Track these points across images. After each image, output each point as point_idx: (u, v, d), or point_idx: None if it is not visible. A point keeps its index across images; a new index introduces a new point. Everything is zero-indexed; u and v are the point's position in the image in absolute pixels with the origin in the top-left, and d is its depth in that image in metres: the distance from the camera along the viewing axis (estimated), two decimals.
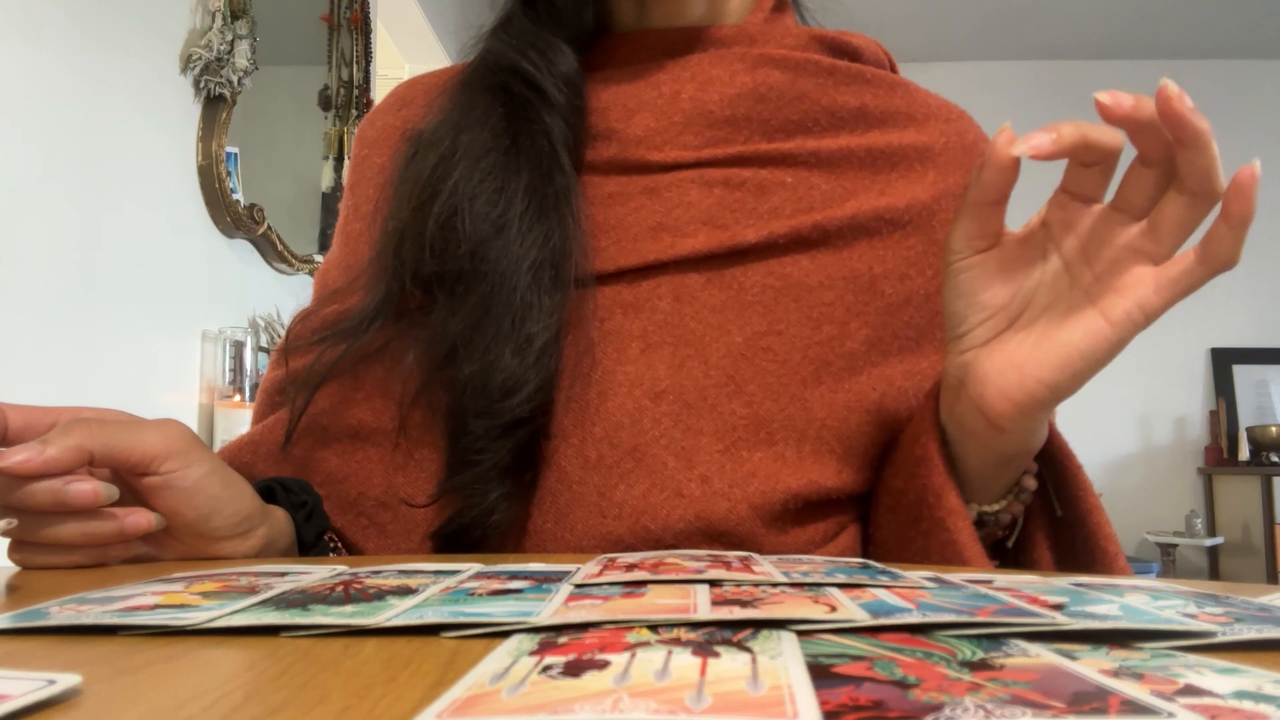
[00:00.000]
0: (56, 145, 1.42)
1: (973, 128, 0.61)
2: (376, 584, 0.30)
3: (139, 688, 0.19)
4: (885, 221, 0.55)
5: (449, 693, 0.17)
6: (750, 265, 0.53)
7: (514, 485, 0.49)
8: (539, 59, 0.56)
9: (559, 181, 0.53)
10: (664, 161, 0.55)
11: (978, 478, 0.47)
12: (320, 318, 0.57)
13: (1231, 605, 0.27)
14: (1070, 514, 0.48)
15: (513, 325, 0.49)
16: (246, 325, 1.88)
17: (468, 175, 0.53)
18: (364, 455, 0.53)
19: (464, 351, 0.50)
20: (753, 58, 0.57)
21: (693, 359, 0.51)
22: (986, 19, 3.89)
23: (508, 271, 0.50)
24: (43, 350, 1.39)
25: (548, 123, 0.55)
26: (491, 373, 0.49)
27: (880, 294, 0.54)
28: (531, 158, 0.54)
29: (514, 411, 0.48)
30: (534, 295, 0.50)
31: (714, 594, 0.27)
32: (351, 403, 0.54)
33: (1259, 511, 3.60)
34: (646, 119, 0.56)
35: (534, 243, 0.51)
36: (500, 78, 0.57)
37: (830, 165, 0.56)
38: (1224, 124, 4.23)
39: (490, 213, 0.52)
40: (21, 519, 0.40)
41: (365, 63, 2.42)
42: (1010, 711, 0.16)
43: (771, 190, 0.55)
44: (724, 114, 0.56)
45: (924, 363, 0.54)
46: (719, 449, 0.50)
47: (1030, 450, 0.47)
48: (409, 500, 0.51)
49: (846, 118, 0.57)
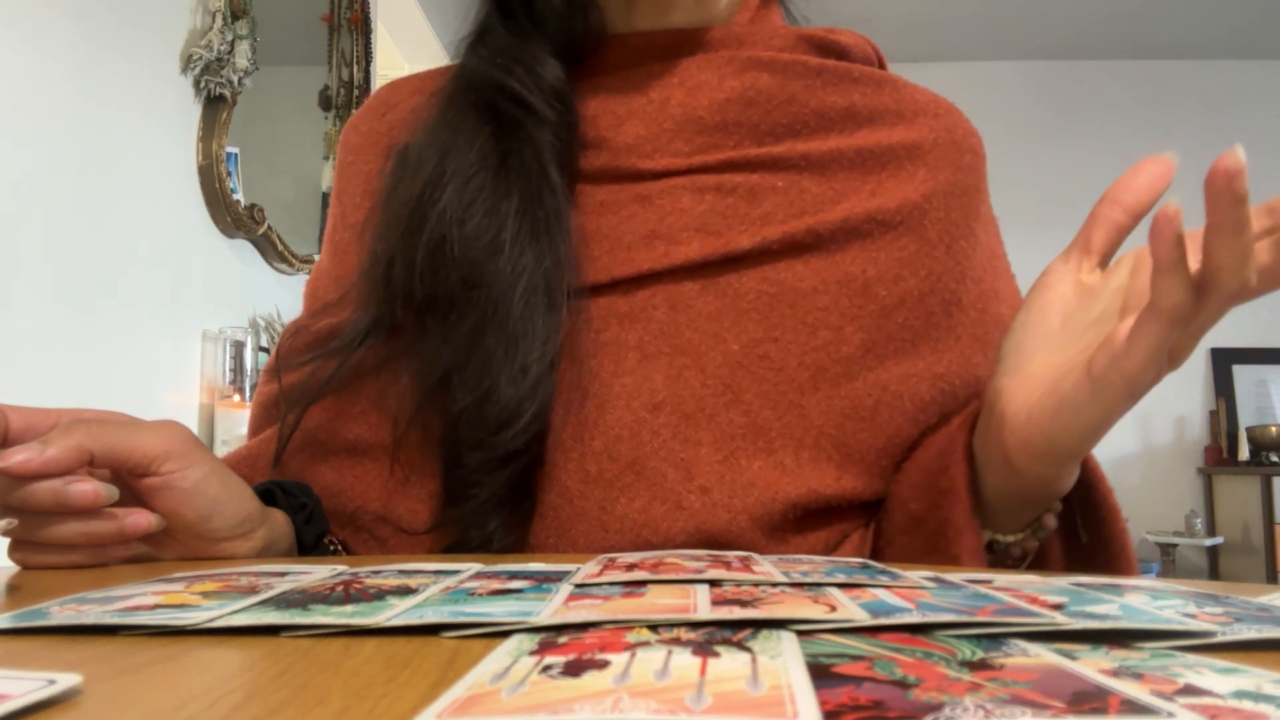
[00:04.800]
0: (57, 145, 1.42)
1: (962, 122, 0.60)
2: (376, 584, 0.30)
3: (139, 688, 0.19)
4: (877, 223, 0.54)
5: (449, 693, 0.17)
6: (744, 272, 0.53)
7: (512, 515, 0.49)
8: (525, 75, 0.55)
9: (549, 202, 0.52)
10: (655, 169, 0.55)
11: (997, 508, 0.46)
12: (313, 332, 0.56)
13: (1231, 605, 0.26)
14: (1094, 538, 0.47)
15: (506, 354, 0.49)
16: (246, 325, 1.88)
17: (456, 198, 0.52)
18: (361, 470, 0.53)
19: (458, 380, 0.49)
20: (740, 61, 0.57)
21: (690, 369, 0.51)
22: (985, 19, 3.89)
23: (500, 297, 0.50)
24: (43, 350, 1.39)
25: (537, 140, 0.54)
26: (487, 404, 0.48)
27: (874, 297, 0.53)
28: (521, 178, 0.53)
29: (510, 444, 0.48)
30: (527, 322, 0.49)
31: (714, 594, 0.27)
32: (348, 417, 0.53)
33: (1259, 511, 3.60)
34: (636, 126, 0.56)
35: (526, 267, 0.50)
36: (486, 94, 0.56)
37: (821, 168, 0.55)
38: (1224, 124, 4.25)
39: (481, 237, 0.51)
40: (22, 519, 0.40)
41: (365, 63, 2.42)
42: (1010, 711, 0.16)
43: (763, 195, 0.54)
44: (714, 120, 0.56)
45: (919, 364, 0.54)
46: (718, 459, 0.49)
47: (1050, 496, 0.45)
48: (407, 527, 0.51)
49: (835, 119, 0.57)
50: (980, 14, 3.84)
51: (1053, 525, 0.48)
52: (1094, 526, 0.47)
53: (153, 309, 1.65)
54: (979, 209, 0.59)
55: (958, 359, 0.54)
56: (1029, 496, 0.45)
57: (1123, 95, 4.20)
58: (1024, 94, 4.20)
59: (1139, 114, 4.17)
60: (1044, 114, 4.20)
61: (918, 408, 0.53)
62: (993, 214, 0.62)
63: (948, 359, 0.54)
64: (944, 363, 0.54)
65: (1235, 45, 4.04)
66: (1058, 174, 4.05)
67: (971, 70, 4.18)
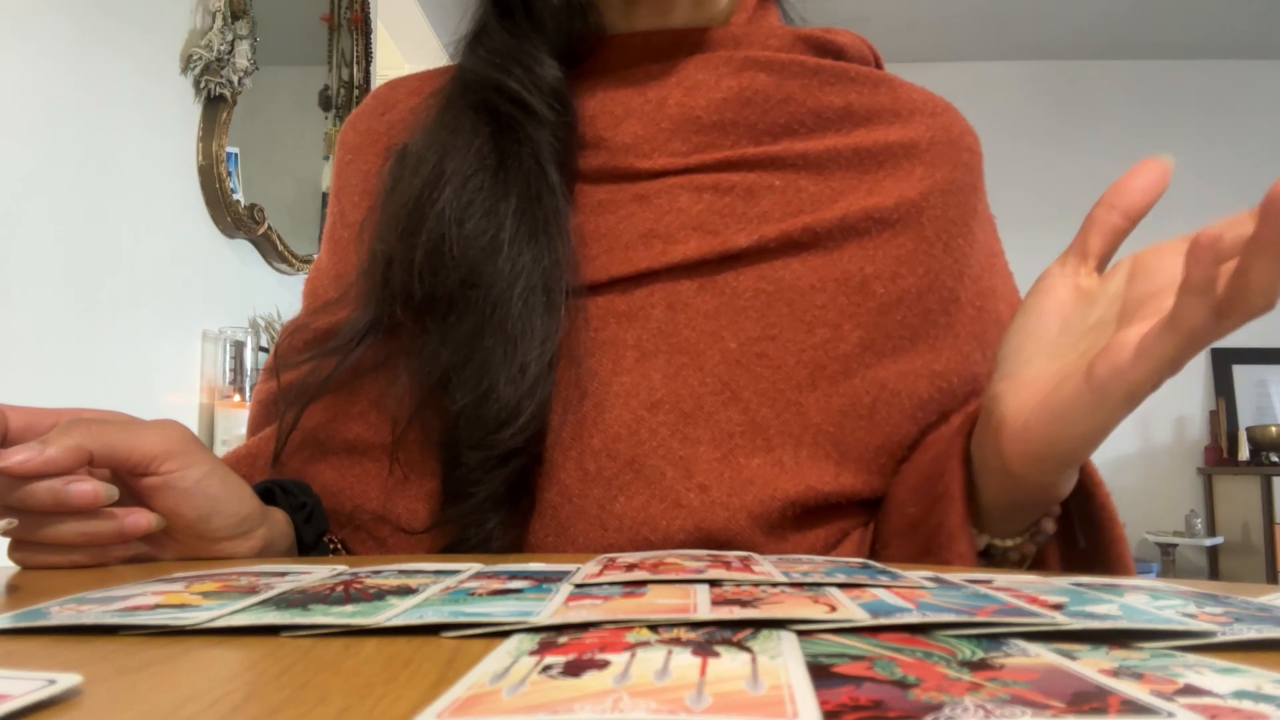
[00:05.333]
0: (57, 146, 1.42)
1: (959, 121, 0.60)
2: (376, 584, 0.30)
3: (139, 688, 0.19)
4: (874, 221, 0.54)
5: (449, 692, 0.17)
6: (742, 270, 0.53)
7: (510, 514, 0.49)
8: (524, 75, 0.55)
9: (548, 202, 0.52)
10: (653, 169, 0.55)
11: (995, 513, 0.46)
12: (312, 331, 0.56)
13: (1231, 605, 0.27)
14: (1091, 543, 0.47)
15: (505, 354, 0.49)
16: (246, 325, 1.88)
17: (455, 199, 0.52)
18: (360, 470, 0.53)
19: (457, 381, 0.49)
20: (738, 61, 0.57)
21: (688, 367, 0.51)
22: (985, 19, 3.89)
23: (499, 298, 0.50)
24: (43, 350, 1.39)
25: (535, 141, 0.54)
26: (486, 403, 0.48)
27: (872, 295, 0.53)
28: (519, 179, 0.53)
29: (509, 443, 0.48)
30: (526, 321, 0.50)
31: (714, 594, 0.27)
32: (348, 417, 0.53)
33: (1259, 511, 3.60)
34: (634, 126, 0.56)
35: (524, 267, 0.50)
36: (484, 95, 0.56)
37: (818, 167, 0.55)
38: (1224, 124, 4.25)
39: (479, 238, 0.51)
40: (21, 518, 0.40)
41: (365, 63, 2.42)
42: (1010, 711, 0.16)
43: (760, 194, 0.55)
44: (711, 119, 0.56)
45: (918, 361, 0.54)
46: (716, 457, 0.49)
47: (1048, 501, 0.45)
48: (405, 526, 0.51)
49: (832, 118, 0.57)
50: (980, 14, 3.84)
51: (1050, 530, 0.47)
52: (1092, 531, 0.47)
53: (153, 309, 1.65)
54: (976, 207, 0.59)
55: (956, 357, 0.54)
56: (1026, 502, 0.45)
57: (1123, 95, 4.20)
58: (1023, 94, 4.20)
59: (1139, 114, 4.17)
60: (1043, 114, 4.20)
61: (915, 405, 0.53)
62: (990, 212, 0.62)
63: (946, 356, 0.54)
64: (942, 360, 0.54)
65: (1235, 45, 4.04)
66: (1057, 174, 4.05)
67: (971, 70, 4.18)
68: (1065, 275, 0.42)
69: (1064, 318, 0.41)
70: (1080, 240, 0.42)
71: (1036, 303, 0.42)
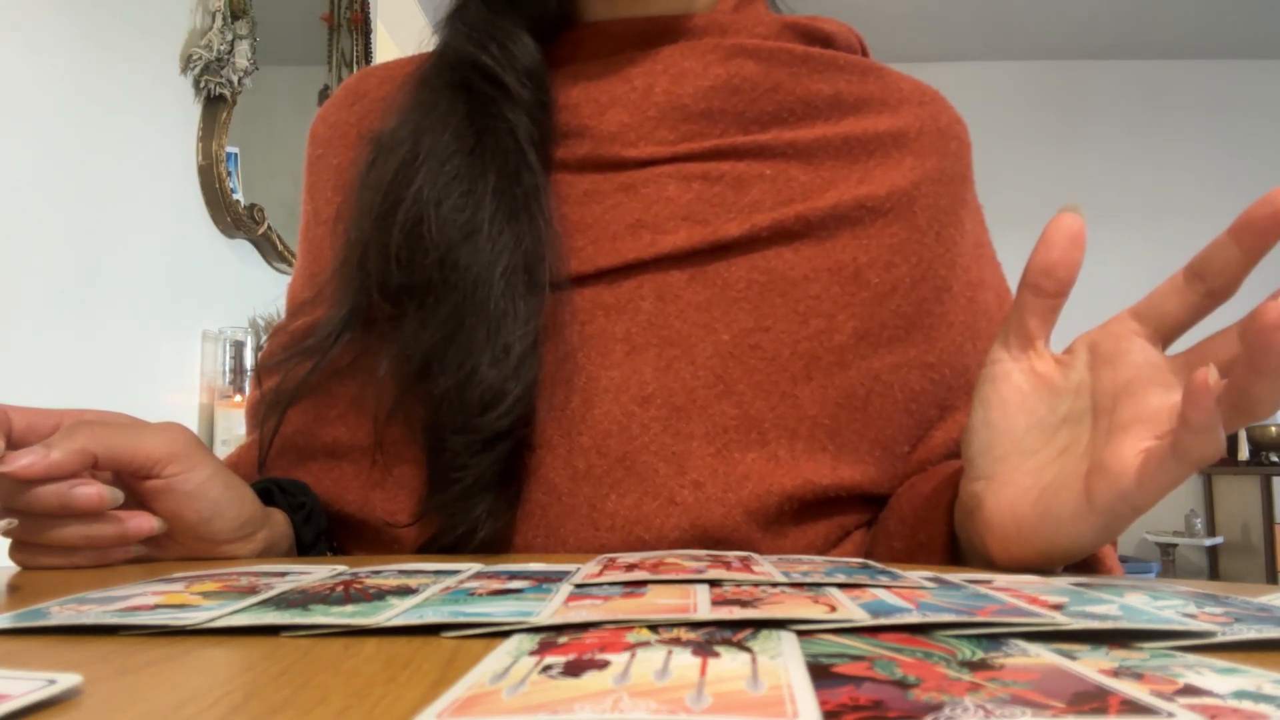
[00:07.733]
0: (57, 146, 1.42)
1: (947, 109, 0.60)
2: (376, 584, 0.30)
3: (139, 688, 0.19)
4: (867, 210, 0.54)
5: (449, 692, 0.17)
6: (733, 260, 0.52)
7: (498, 501, 0.47)
8: (499, 52, 0.54)
9: (527, 181, 0.51)
10: (640, 157, 0.54)
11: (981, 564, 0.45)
12: (289, 333, 0.55)
13: (1231, 605, 0.27)
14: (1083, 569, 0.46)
15: (488, 335, 0.48)
16: (246, 325, 1.88)
17: (431, 179, 0.51)
18: (340, 473, 0.52)
19: (438, 365, 0.48)
20: (725, 48, 0.56)
21: (680, 360, 0.50)
22: (985, 19, 3.89)
23: (479, 278, 0.49)
24: (43, 350, 1.39)
25: (512, 120, 0.53)
26: (469, 386, 0.47)
27: (866, 284, 0.53)
28: (497, 158, 0.52)
29: (494, 425, 0.47)
30: (508, 302, 0.48)
31: (714, 594, 0.27)
32: (325, 420, 0.53)
33: (1258, 511, 3.60)
34: (619, 114, 0.55)
35: (505, 246, 0.49)
36: (460, 73, 0.55)
37: (808, 156, 0.55)
38: (1224, 124, 4.25)
39: (457, 218, 0.50)
40: (24, 520, 0.40)
41: (365, 63, 2.42)
42: (1010, 711, 0.16)
43: (750, 183, 0.54)
44: (699, 107, 0.55)
45: (911, 352, 0.53)
46: (711, 452, 0.48)
47: None
48: (390, 520, 0.50)
49: (821, 106, 0.56)
50: (980, 14, 3.84)
51: None
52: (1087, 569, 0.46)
53: (153, 309, 1.65)
54: (965, 197, 0.59)
55: (949, 348, 0.54)
56: None
57: (1122, 95, 4.20)
58: (1023, 94, 4.20)
59: (1139, 114, 4.17)
60: (1043, 114, 4.20)
61: (908, 397, 0.52)
62: (978, 202, 0.61)
63: (939, 347, 0.54)
64: (935, 351, 0.54)
65: (1235, 45, 4.04)
66: (1057, 174, 4.05)
67: (971, 70, 4.18)
68: (1016, 361, 0.40)
69: (1028, 410, 0.40)
70: (1018, 325, 0.40)
71: (995, 393, 0.40)
